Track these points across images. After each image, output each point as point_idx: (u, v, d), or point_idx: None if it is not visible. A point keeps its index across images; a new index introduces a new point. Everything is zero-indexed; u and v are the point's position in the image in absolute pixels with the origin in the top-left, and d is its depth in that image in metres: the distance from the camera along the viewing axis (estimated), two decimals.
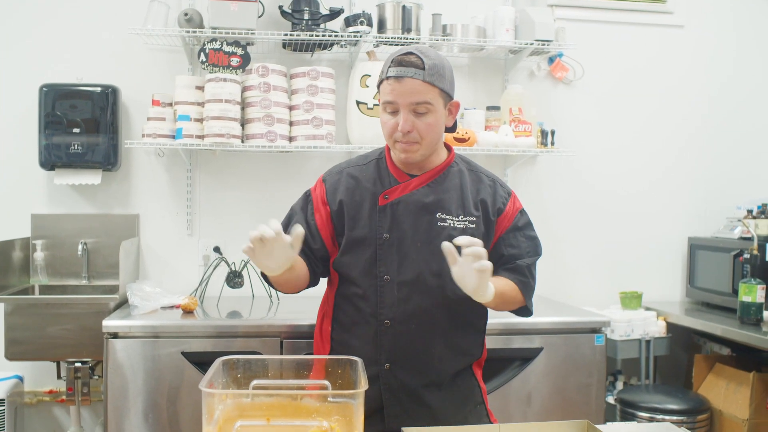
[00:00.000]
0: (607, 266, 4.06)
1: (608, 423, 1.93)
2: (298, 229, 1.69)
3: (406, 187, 1.96)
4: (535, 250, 2.07)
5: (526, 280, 2.03)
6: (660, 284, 4.12)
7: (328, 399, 1.52)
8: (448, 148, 2.08)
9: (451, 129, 2.01)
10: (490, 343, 3.05)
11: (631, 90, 4.08)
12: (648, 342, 3.69)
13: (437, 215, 1.95)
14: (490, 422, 2.08)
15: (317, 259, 2.03)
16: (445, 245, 1.70)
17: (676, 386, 3.84)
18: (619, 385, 3.82)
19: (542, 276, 3.81)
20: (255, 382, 1.64)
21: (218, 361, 1.62)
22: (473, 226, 1.96)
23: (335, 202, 1.99)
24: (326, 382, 1.62)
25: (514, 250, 2.02)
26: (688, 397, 3.47)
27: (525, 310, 2.09)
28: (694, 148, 4.15)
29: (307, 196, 2.08)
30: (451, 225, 1.95)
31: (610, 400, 3.62)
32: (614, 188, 4.07)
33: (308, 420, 1.44)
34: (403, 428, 1.63)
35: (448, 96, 1.90)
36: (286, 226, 2.03)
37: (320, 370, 1.75)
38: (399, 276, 1.93)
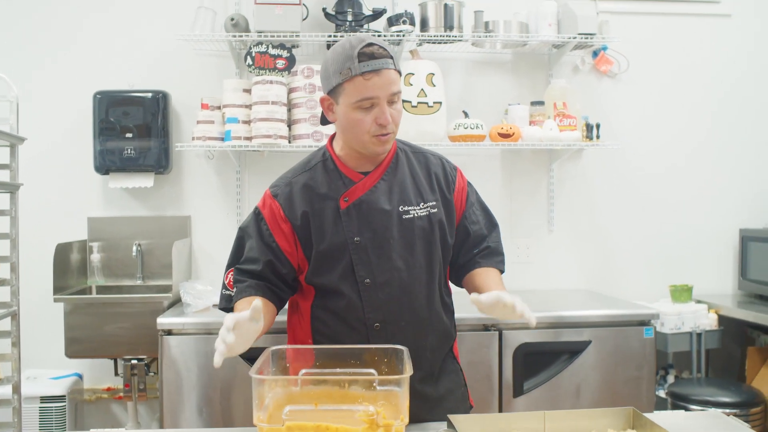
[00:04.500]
0: (656, 260, 4.01)
1: (656, 411, 1.92)
2: (256, 304, 1.54)
3: (365, 185, 1.90)
4: (491, 221, 2.09)
5: (501, 258, 2.06)
6: (711, 277, 4.05)
7: (374, 386, 1.55)
8: None
9: None
10: (539, 336, 3.11)
11: (677, 81, 4.03)
12: (699, 335, 3.64)
13: (400, 208, 1.90)
14: (470, 405, 2.10)
15: (287, 282, 1.94)
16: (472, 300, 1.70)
17: (728, 379, 3.78)
18: (671, 379, 3.78)
19: (591, 270, 3.89)
20: (303, 371, 1.69)
21: (267, 350, 1.67)
22: (435, 210, 1.94)
23: (296, 217, 1.89)
24: (373, 371, 1.66)
25: (476, 227, 2.03)
26: (741, 390, 3.41)
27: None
28: (744, 138, 4.08)
29: (257, 217, 1.94)
30: (416, 215, 1.91)
31: (662, 393, 3.59)
32: (662, 181, 4.02)
33: (355, 405, 1.48)
34: (449, 416, 1.66)
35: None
36: (238, 249, 1.97)
37: (369, 360, 1.76)
38: (379, 277, 1.87)
